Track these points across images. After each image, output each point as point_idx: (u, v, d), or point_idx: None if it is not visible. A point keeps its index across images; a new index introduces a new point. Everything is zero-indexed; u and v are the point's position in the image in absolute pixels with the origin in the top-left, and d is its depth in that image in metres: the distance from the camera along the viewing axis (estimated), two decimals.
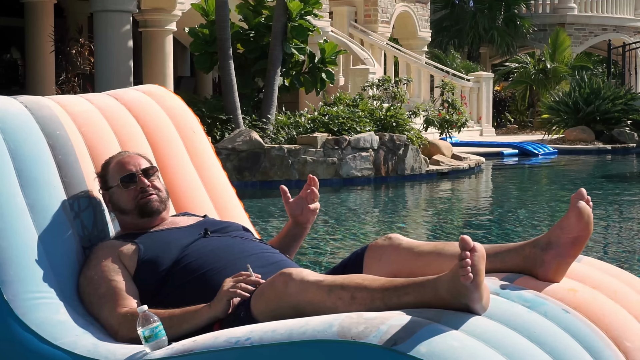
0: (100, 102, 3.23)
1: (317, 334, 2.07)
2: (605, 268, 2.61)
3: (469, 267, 2.09)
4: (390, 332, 2.02)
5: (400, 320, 2.06)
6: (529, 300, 2.28)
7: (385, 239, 2.61)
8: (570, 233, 2.41)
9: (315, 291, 2.25)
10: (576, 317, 2.28)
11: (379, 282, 2.24)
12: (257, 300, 2.35)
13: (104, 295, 2.61)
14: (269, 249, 2.81)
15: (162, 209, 2.85)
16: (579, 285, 2.42)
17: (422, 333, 2.02)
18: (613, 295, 2.44)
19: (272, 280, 2.34)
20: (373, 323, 2.05)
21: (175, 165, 3.26)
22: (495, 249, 2.49)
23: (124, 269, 2.66)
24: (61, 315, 2.56)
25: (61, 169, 2.87)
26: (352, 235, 7.99)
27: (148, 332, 2.32)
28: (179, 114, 3.42)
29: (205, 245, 2.71)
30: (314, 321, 2.12)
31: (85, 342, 2.47)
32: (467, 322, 2.10)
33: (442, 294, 2.14)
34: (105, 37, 12.71)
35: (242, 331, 2.20)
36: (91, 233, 2.85)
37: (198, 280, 2.60)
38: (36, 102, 3.04)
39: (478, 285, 2.11)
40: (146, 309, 2.35)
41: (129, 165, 2.84)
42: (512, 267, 2.45)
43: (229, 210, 3.34)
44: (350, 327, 2.05)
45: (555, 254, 2.40)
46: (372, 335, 2.01)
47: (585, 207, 2.43)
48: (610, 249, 7.35)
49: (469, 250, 2.11)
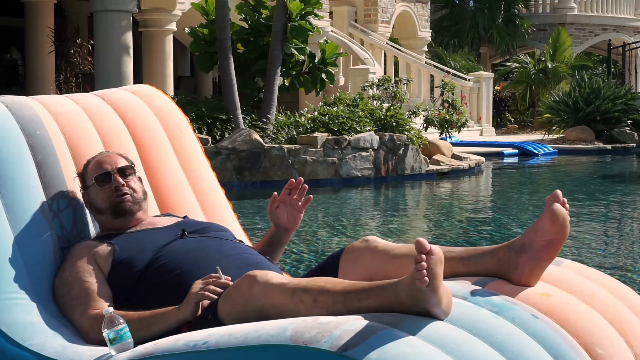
0: (86, 102, 3.21)
1: (271, 339, 2.04)
2: (585, 271, 2.55)
3: (424, 270, 2.04)
4: (342, 337, 1.98)
5: (354, 325, 2.02)
6: (497, 305, 2.23)
7: (362, 241, 2.56)
8: (544, 236, 2.35)
9: (278, 294, 2.21)
10: (545, 322, 2.22)
11: (341, 286, 2.20)
12: (223, 302, 2.32)
13: (76, 297, 2.59)
14: (247, 250, 2.77)
15: (135, 209, 2.81)
16: (553, 290, 2.36)
17: (374, 339, 1.97)
18: (589, 300, 2.38)
19: (237, 283, 2.31)
20: (326, 328, 2.02)
21: (161, 165, 3.23)
22: (470, 252, 2.45)
23: (98, 270, 2.64)
24: (33, 316, 2.54)
25: (40, 169, 2.85)
26: (352, 235, 7.99)
27: (113, 334, 2.31)
28: (167, 113, 3.39)
29: (181, 246, 2.68)
30: (269, 325, 2.09)
31: (54, 343, 2.46)
32: (425, 328, 2.06)
33: (402, 298, 2.10)
34: (105, 37, 12.70)
35: (201, 335, 2.18)
36: (70, 233, 2.82)
37: (171, 282, 2.58)
38: (18, 102, 3.02)
39: (434, 289, 2.06)
40: (112, 311, 2.34)
41: (105, 164, 2.82)
42: (486, 271, 2.40)
43: (216, 210, 3.31)
44: (304, 331, 2.02)
45: (529, 258, 2.35)
46: (323, 340, 1.98)
47: (560, 210, 2.35)
48: (610, 250, 7.35)
49: (425, 253, 2.06)
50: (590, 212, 9.46)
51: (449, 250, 2.47)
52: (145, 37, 15.24)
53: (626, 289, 2.56)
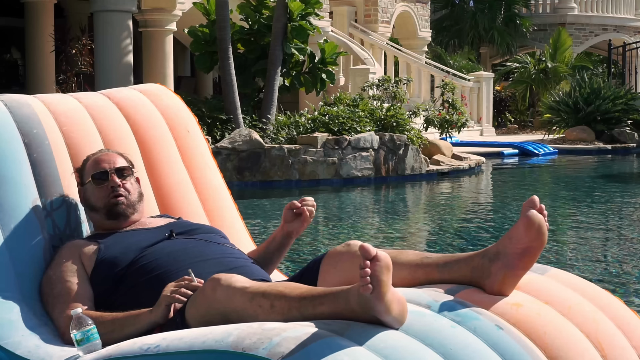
0: (89, 101, 3.19)
1: (214, 344, 2.03)
2: (570, 281, 2.47)
3: (367, 277, 1.99)
4: (282, 344, 1.96)
5: (297, 332, 1.99)
6: (460, 315, 2.16)
7: (344, 245, 2.50)
8: (518, 243, 2.26)
9: (239, 298, 2.18)
10: (510, 333, 2.15)
11: (298, 291, 2.16)
12: (190, 306, 2.31)
13: (57, 296, 2.59)
14: (232, 253, 2.72)
15: (129, 213, 2.80)
16: (526, 299, 2.28)
17: (313, 347, 1.94)
18: (566, 312, 2.29)
19: (203, 286, 2.29)
20: (268, 335, 2.00)
21: (163, 164, 3.21)
22: (446, 259, 2.38)
23: (81, 270, 2.64)
24: (13, 314, 2.54)
25: (35, 167, 2.83)
26: (352, 236, 7.98)
27: (80, 335, 2.29)
28: (174, 112, 3.36)
29: (165, 247, 2.66)
30: (217, 330, 2.08)
31: (29, 343, 2.46)
32: (374, 337, 2.00)
33: (353, 305, 2.05)
34: (105, 37, 12.70)
35: (155, 338, 2.17)
36: (63, 232, 2.81)
37: (150, 283, 2.56)
38: (17, 100, 3.00)
39: (380, 296, 2.00)
40: (80, 312, 2.32)
41: (103, 163, 2.81)
42: (460, 278, 2.33)
43: (219, 211, 3.28)
44: (245, 338, 2.00)
45: (502, 265, 2.26)
46: (262, 347, 1.96)
47: (536, 216, 2.26)
48: (610, 251, 7.34)
49: (370, 259, 2.01)
50: (590, 213, 9.46)
51: (425, 256, 2.42)
52: (146, 37, 15.24)
53: (612, 299, 2.48)
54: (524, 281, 2.33)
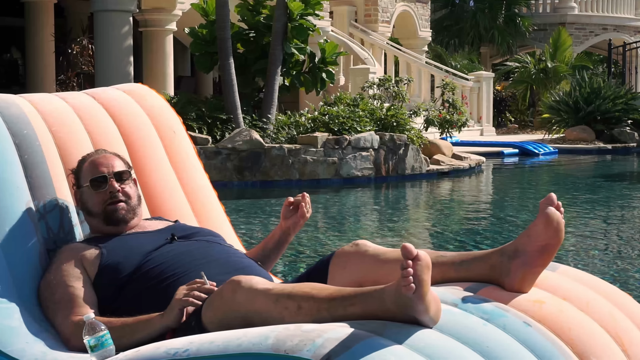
0: (75, 101, 3.13)
1: (252, 347, 1.97)
2: (581, 277, 2.48)
3: (410, 277, 1.97)
4: (325, 346, 1.92)
5: (338, 334, 1.95)
6: (487, 312, 2.16)
7: (352, 245, 2.48)
8: (537, 241, 2.27)
9: (262, 300, 2.14)
10: (538, 330, 2.15)
11: (326, 292, 2.13)
12: (207, 309, 2.26)
13: (59, 301, 2.53)
14: (236, 254, 2.70)
15: (129, 218, 2.74)
16: (547, 297, 2.29)
17: (358, 348, 1.91)
18: (584, 307, 2.31)
19: (221, 289, 2.25)
20: (309, 336, 1.95)
21: (151, 166, 3.16)
22: (462, 257, 2.37)
23: (84, 274, 2.58)
24: (14, 320, 2.48)
25: (27, 168, 2.76)
26: (352, 236, 7.99)
27: (94, 341, 2.24)
28: (159, 113, 3.31)
29: (169, 251, 2.62)
30: (251, 333, 2.02)
31: (34, 350, 2.40)
32: (412, 336, 1.98)
33: (388, 305, 2.03)
34: (106, 37, 12.71)
35: (182, 342, 2.11)
36: (57, 235, 2.74)
37: (157, 287, 2.53)
38: (5, 100, 2.94)
39: (421, 296, 1.99)
40: (93, 317, 2.27)
41: (102, 167, 2.74)
42: (479, 276, 2.32)
43: (207, 212, 3.25)
44: (285, 340, 1.96)
45: (522, 263, 2.27)
46: (305, 349, 1.92)
47: (555, 214, 2.28)
48: (610, 250, 7.35)
49: (412, 259, 1.99)
50: (590, 213, 9.46)
51: (440, 255, 2.40)
52: (146, 37, 15.24)
53: (624, 296, 2.48)
54: (540, 278, 2.33)
